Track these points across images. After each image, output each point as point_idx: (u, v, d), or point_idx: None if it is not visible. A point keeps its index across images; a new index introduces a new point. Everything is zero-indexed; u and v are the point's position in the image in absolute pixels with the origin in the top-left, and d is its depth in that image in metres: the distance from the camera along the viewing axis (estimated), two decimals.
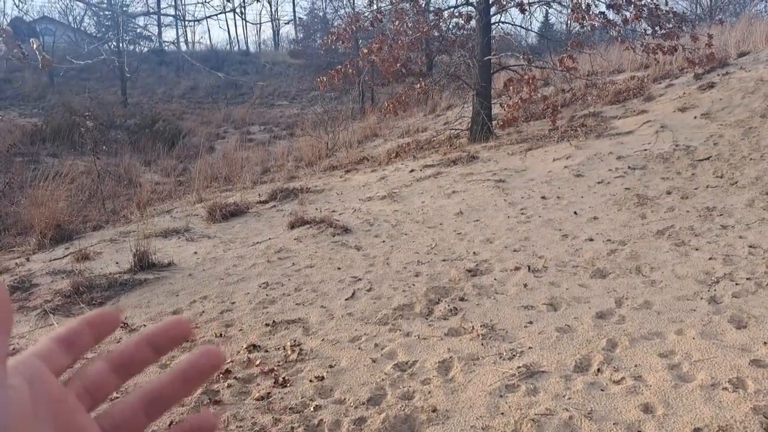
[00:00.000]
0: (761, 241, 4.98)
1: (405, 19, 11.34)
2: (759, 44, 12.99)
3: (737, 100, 9.60)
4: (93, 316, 0.43)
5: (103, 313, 0.44)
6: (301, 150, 13.58)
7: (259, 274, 5.34)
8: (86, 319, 0.43)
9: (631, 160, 8.01)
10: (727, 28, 14.67)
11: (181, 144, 15.80)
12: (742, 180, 6.69)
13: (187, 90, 24.64)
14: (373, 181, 9.14)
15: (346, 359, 3.61)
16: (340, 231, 6.41)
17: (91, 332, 0.43)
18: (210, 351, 0.44)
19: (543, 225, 6.12)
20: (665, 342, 3.46)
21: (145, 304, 4.83)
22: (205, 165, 11.76)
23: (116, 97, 21.63)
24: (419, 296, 4.53)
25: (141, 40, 28.50)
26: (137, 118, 18.15)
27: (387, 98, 14.47)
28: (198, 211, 7.88)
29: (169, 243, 6.58)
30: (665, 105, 10.61)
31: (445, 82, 15.34)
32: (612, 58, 15.34)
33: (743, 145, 7.76)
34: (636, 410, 2.81)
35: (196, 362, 0.43)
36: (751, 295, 3.99)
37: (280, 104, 23.59)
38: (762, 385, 2.90)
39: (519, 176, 8.24)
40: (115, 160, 13.05)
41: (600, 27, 10.88)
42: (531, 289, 4.52)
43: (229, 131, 18.68)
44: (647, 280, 4.46)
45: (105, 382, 0.42)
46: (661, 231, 5.52)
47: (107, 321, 0.44)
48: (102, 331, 0.43)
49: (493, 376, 3.26)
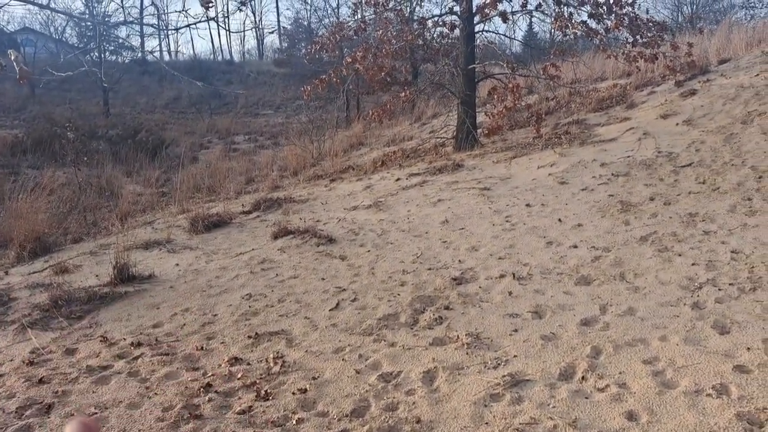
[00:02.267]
0: (743, 246, 5.01)
1: (389, 28, 11.36)
2: (739, 51, 13.17)
3: (718, 107, 9.70)
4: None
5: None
6: (286, 159, 13.52)
7: (242, 286, 5.28)
8: None
9: (614, 167, 8.05)
10: (707, 36, 14.87)
11: (164, 154, 15.68)
12: (724, 186, 6.74)
13: (170, 100, 24.51)
14: (358, 190, 9.11)
15: (329, 371, 3.57)
16: (324, 241, 6.36)
17: None
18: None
19: (528, 232, 6.11)
20: (649, 348, 3.46)
21: (125, 318, 4.75)
22: (188, 175, 11.67)
23: (98, 108, 21.47)
24: (404, 306, 4.49)
25: (123, 50, 28.34)
26: (119, 129, 18.00)
27: (372, 107, 14.49)
28: (180, 222, 7.80)
29: (150, 255, 6.49)
30: (647, 112, 10.70)
31: (430, 90, 15.40)
32: (595, 66, 15.47)
33: (725, 151, 7.83)
34: (620, 418, 2.79)
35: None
36: (733, 301, 4.00)
37: (265, 113, 23.53)
38: (745, 391, 2.89)
39: (504, 184, 8.25)
40: (97, 171, 12.90)
41: (582, 35, 10.95)
42: (516, 296, 4.51)
43: (213, 141, 18.58)
44: (631, 287, 4.46)
45: None
46: (645, 237, 5.53)
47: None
48: None
49: (478, 386, 3.23)
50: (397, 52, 11.72)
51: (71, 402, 3.38)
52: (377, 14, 11.43)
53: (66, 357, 4.05)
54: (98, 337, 4.35)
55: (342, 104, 19.45)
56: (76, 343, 4.28)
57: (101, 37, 19.41)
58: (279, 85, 26.78)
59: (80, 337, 4.40)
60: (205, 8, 3.77)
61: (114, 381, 3.65)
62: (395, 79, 14.66)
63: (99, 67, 16.80)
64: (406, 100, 12.34)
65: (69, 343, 4.30)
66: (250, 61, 37.86)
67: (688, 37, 13.30)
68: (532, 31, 30.44)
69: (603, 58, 12.79)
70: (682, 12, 30.46)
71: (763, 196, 6.21)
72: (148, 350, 4.05)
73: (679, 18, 29.09)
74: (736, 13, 27.93)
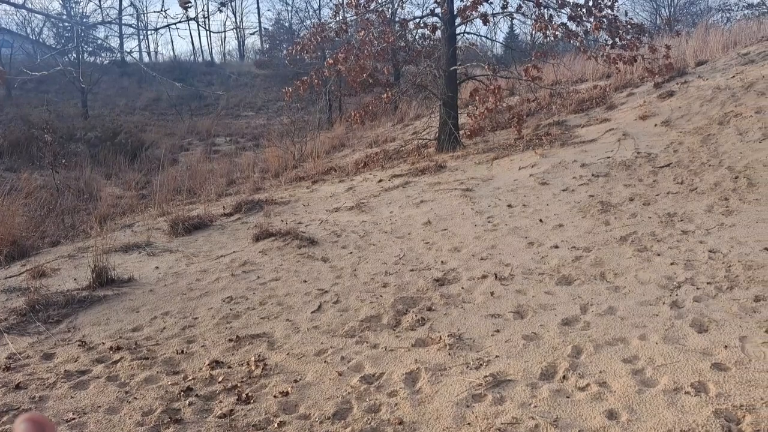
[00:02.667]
0: (720, 245, 5.08)
1: (370, 30, 11.36)
2: (715, 53, 13.37)
3: (696, 108, 9.84)
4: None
5: None
6: (267, 161, 13.46)
7: (222, 288, 5.24)
8: None
9: (594, 167, 8.12)
10: (685, 38, 15.08)
11: (144, 156, 15.52)
12: (701, 186, 6.83)
13: (150, 101, 24.28)
14: (340, 192, 9.09)
15: (311, 373, 3.55)
16: (306, 243, 6.34)
17: None
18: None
19: (509, 233, 6.14)
20: (629, 347, 3.49)
21: (104, 322, 4.69)
22: (169, 177, 11.56)
23: (76, 110, 21.20)
24: (387, 307, 4.49)
25: (102, 51, 28.01)
26: (98, 131, 17.78)
27: (354, 108, 14.48)
28: (160, 225, 7.71)
29: (129, 258, 6.42)
30: (627, 113, 10.81)
31: (412, 92, 15.44)
32: (575, 68, 15.62)
33: (702, 151, 7.94)
34: (601, 417, 2.81)
35: None
36: (711, 299, 4.06)
37: (246, 115, 23.41)
38: (723, 389, 2.93)
39: (486, 185, 8.29)
40: (75, 174, 12.74)
41: (563, 37, 11.05)
42: (498, 297, 4.52)
43: (194, 143, 18.43)
44: (611, 286, 4.50)
45: None
46: (624, 237, 5.59)
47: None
48: None
49: (460, 386, 3.23)
50: (379, 53, 11.73)
51: (49, 408, 3.33)
52: (358, 16, 11.43)
53: (43, 362, 3.99)
54: (76, 342, 4.29)
55: (324, 105, 19.42)
56: (53, 348, 4.21)
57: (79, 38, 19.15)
58: (260, 87, 26.66)
59: (58, 342, 4.33)
60: (184, 8, 3.74)
61: (92, 386, 3.59)
62: (377, 81, 14.68)
63: (77, 68, 16.57)
64: (388, 102, 12.36)
65: (46, 347, 4.23)
66: (231, 63, 37.64)
67: (665, 40, 13.46)
68: (513, 33, 30.66)
69: (583, 59, 12.93)
70: (660, 15, 30.92)
71: (740, 196, 6.31)
72: (128, 354, 4.00)
73: (657, 21, 29.52)
74: (713, 16, 28.41)
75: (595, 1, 10.47)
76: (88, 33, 23.35)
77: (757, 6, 27.11)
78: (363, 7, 11.30)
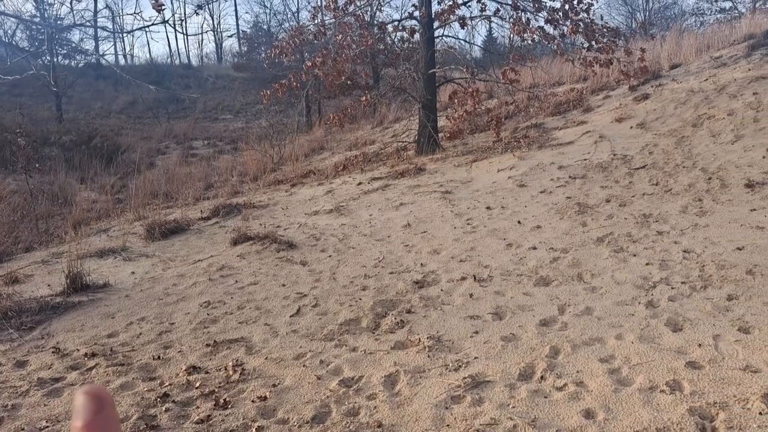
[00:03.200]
0: (694, 245, 5.16)
1: (349, 33, 11.36)
2: (689, 57, 13.60)
3: (670, 111, 9.99)
4: None
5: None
6: (245, 164, 13.37)
7: (200, 293, 5.18)
8: None
9: (571, 169, 8.20)
10: (659, 42, 15.32)
11: (120, 160, 15.32)
12: (676, 187, 6.93)
13: (126, 105, 23.98)
14: (319, 195, 9.07)
15: (290, 377, 3.53)
16: (285, 246, 6.30)
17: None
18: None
19: (488, 235, 6.17)
20: (605, 347, 3.52)
21: (78, 328, 4.61)
22: (145, 181, 11.43)
23: (51, 113, 20.86)
24: (366, 310, 4.48)
25: (77, 54, 27.61)
26: (73, 135, 17.52)
27: (333, 111, 14.45)
28: (136, 230, 7.62)
29: (105, 263, 6.33)
30: (603, 116, 10.95)
31: (392, 94, 15.44)
32: (552, 71, 15.77)
33: (676, 153, 8.07)
34: (578, 416, 2.83)
35: None
36: (686, 299, 4.11)
37: (224, 118, 23.24)
38: (697, 387, 2.97)
39: (465, 187, 8.32)
40: (50, 178, 12.53)
41: (540, 41, 11.15)
42: (477, 298, 4.54)
43: (171, 146, 18.24)
44: (588, 287, 4.54)
45: None
46: (601, 238, 5.65)
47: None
48: None
49: (439, 388, 3.23)
50: (357, 56, 11.74)
51: (21, 416, 3.26)
52: (337, 19, 11.42)
53: (16, 369, 3.91)
54: (50, 349, 4.21)
55: (302, 109, 19.35)
56: (26, 355, 4.13)
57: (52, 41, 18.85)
58: (238, 90, 26.47)
59: (31, 349, 4.25)
60: (158, 11, 3.70)
61: (66, 393, 3.53)
62: (356, 84, 14.67)
63: (51, 71, 16.32)
64: (367, 105, 12.35)
65: (19, 355, 4.14)
66: (209, 65, 37.33)
67: (641, 43, 13.67)
68: (491, 37, 30.84)
69: (560, 63, 13.07)
70: (636, 18, 31.39)
71: (713, 197, 6.42)
72: (103, 360, 3.94)
73: (633, 24, 29.95)
74: (687, 20, 28.93)
75: (572, 5, 10.59)
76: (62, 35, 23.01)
77: (730, 10, 27.66)
78: (341, 10, 11.30)
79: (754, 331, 3.52)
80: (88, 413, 0.33)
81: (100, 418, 0.32)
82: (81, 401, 0.33)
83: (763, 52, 11.72)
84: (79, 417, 0.33)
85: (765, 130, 8.02)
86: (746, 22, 14.53)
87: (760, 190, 6.35)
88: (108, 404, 0.33)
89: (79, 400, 0.34)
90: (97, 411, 0.33)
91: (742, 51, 12.26)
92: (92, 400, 0.33)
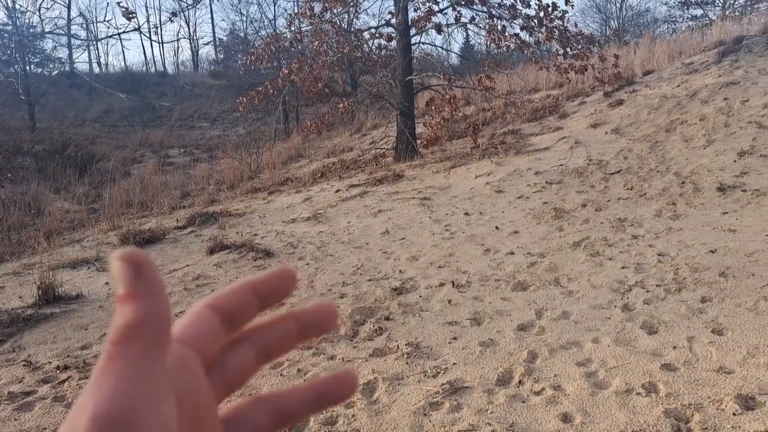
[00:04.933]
0: (669, 249, 5.22)
1: (325, 40, 11.36)
2: (662, 63, 13.85)
3: (644, 116, 10.15)
4: (261, 281, 0.37)
5: (274, 278, 0.37)
6: (222, 173, 13.27)
7: (175, 303, 5.11)
8: (253, 284, 0.37)
9: (548, 175, 8.27)
10: (633, 49, 15.58)
11: (94, 170, 15.11)
12: (650, 191, 7.02)
13: (101, 113, 23.69)
14: (297, 203, 9.02)
15: (267, 387, 3.48)
16: (262, 255, 6.25)
17: (258, 300, 0.37)
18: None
19: (466, 240, 6.19)
20: (582, 351, 3.54)
21: (51, 340, 4.51)
22: (120, 191, 11.27)
23: (23, 122, 20.53)
24: (344, 318, 4.44)
25: (50, 62, 27.21)
26: (46, 144, 17.24)
27: (311, 118, 14.42)
28: (111, 239, 7.50)
29: (78, 274, 6.21)
30: (578, 122, 11.08)
31: (369, 101, 15.48)
32: (528, 78, 15.94)
33: (650, 158, 8.18)
34: (556, 420, 2.84)
35: (332, 389, 0.39)
36: (660, 302, 4.16)
37: (201, 126, 23.06)
38: (672, 389, 3.00)
39: (443, 194, 8.35)
40: (22, 188, 12.30)
41: (516, 48, 11.27)
42: (455, 304, 4.54)
43: (147, 155, 18.04)
44: (565, 291, 4.57)
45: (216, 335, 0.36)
46: (578, 242, 5.69)
47: (279, 286, 0.37)
48: (270, 299, 0.37)
49: (418, 395, 3.22)
50: (335, 63, 11.74)
51: None
52: (313, 26, 11.41)
53: None
54: (21, 362, 4.11)
55: (279, 116, 19.28)
56: None
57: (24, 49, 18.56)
58: (215, 97, 26.31)
59: (2, 363, 4.14)
60: (127, 18, 3.66)
61: (38, 407, 3.44)
62: (333, 91, 14.66)
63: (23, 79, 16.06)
64: (344, 111, 12.35)
65: None
66: (185, 73, 37.07)
67: (614, 50, 13.88)
68: (468, 44, 31.10)
69: (536, 69, 13.20)
70: (609, 26, 31.88)
71: (686, 201, 6.51)
72: (76, 373, 3.85)
73: (606, 31, 30.41)
74: (659, 27, 29.47)
75: (546, 13, 10.72)
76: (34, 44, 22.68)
77: (700, 18, 28.25)
78: (318, 18, 11.30)
79: (727, 332, 3.57)
80: (127, 280, 0.32)
81: (141, 281, 0.32)
82: (117, 268, 0.32)
83: (732, 58, 11.97)
84: (120, 285, 0.32)
85: (735, 135, 8.18)
86: (716, 29, 14.86)
87: (731, 194, 6.46)
88: (146, 265, 0.32)
89: (115, 267, 0.33)
90: (136, 276, 0.32)
91: (712, 57, 12.51)
92: (129, 266, 0.32)
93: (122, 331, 0.30)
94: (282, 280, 0.38)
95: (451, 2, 11.07)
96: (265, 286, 0.38)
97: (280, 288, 0.38)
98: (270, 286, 0.38)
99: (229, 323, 0.36)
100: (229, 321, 0.36)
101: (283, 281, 0.38)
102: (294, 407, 0.38)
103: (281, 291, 0.38)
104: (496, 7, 10.93)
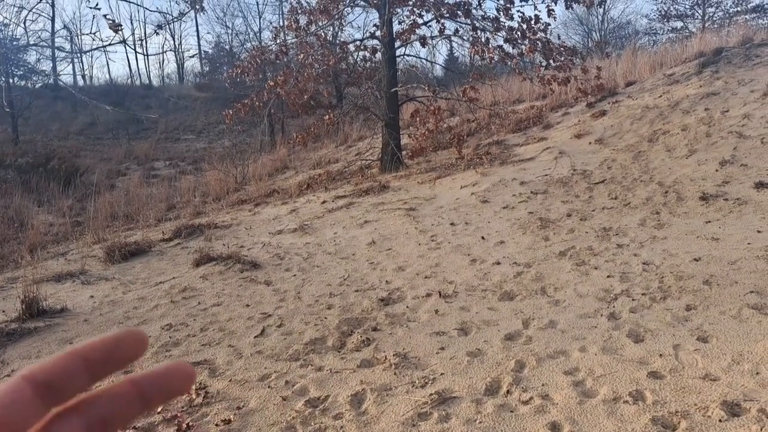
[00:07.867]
0: (653, 257, 5.27)
1: (311, 52, 11.39)
2: (644, 74, 14.04)
3: (627, 126, 10.27)
4: (92, 347, 0.33)
5: (111, 342, 0.33)
6: (208, 185, 13.22)
7: (162, 316, 5.07)
8: (80, 352, 0.33)
9: (533, 185, 8.34)
10: (615, 60, 15.79)
11: (79, 182, 14.98)
12: (634, 201, 7.10)
13: (85, 126, 23.52)
14: (283, 214, 9.00)
15: (255, 399, 3.46)
16: (248, 266, 6.22)
17: (87, 368, 0.33)
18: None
19: (453, 251, 6.21)
20: (570, 360, 3.56)
21: (34, 355, 4.45)
22: (105, 203, 11.18)
23: (6, 135, 20.32)
24: (331, 329, 4.43)
25: (34, 75, 27.01)
26: (29, 157, 17.08)
27: (296, 130, 14.43)
28: (95, 252, 7.43)
29: (62, 287, 6.14)
30: (562, 132, 11.18)
31: (355, 113, 15.52)
32: (512, 89, 16.08)
33: (634, 168, 8.28)
34: (544, 429, 2.84)
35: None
36: (646, 310, 4.19)
37: (187, 138, 22.97)
38: (659, 396, 3.02)
39: (429, 204, 8.37)
40: (5, 202, 12.16)
41: (499, 59, 11.37)
42: (442, 314, 4.54)
43: (132, 167, 17.93)
44: (552, 300, 4.60)
45: None
46: (563, 252, 5.73)
47: (117, 351, 0.34)
48: (107, 366, 0.34)
49: (406, 406, 3.21)
50: (320, 75, 11.77)
51: None
52: (299, 38, 11.45)
53: None
54: (5, 377, 4.05)
55: (265, 128, 19.27)
56: None
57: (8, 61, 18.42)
58: (201, 110, 26.23)
59: None
60: (114, 31, 3.65)
61: None
62: (319, 103, 14.70)
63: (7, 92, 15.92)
64: (330, 123, 12.37)
65: None
66: (170, 85, 36.95)
67: (597, 62, 14.07)
68: (453, 56, 31.32)
69: (519, 81, 13.33)
70: (592, 38, 32.30)
71: (670, 210, 6.59)
72: None
73: (589, 43, 30.81)
74: (641, 39, 29.90)
75: (529, 25, 10.84)
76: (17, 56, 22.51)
77: (681, 30, 28.72)
78: (303, 30, 11.34)
79: (712, 340, 3.60)
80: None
81: None
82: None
83: (713, 69, 12.17)
84: None
85: (717, 145, 8.31)
86: (696, 40, 15.10)
87: (713, 203, 6.55)
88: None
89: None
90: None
91: (693, 68, 12.71)
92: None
93: None
94: (122, 342, 0.35)
95: (435, 15, 11.16)
96: (97, 353, 0.35)
97: (119, 352, 0.35)
98: (103, 353, 0.35)
99: (50, 395, 0.33)
100: (48, 393, 0.33)
101: (124, 344, 0.35)
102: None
103: (122, 356, 0.35)
104: (480, 20, 11.03)
